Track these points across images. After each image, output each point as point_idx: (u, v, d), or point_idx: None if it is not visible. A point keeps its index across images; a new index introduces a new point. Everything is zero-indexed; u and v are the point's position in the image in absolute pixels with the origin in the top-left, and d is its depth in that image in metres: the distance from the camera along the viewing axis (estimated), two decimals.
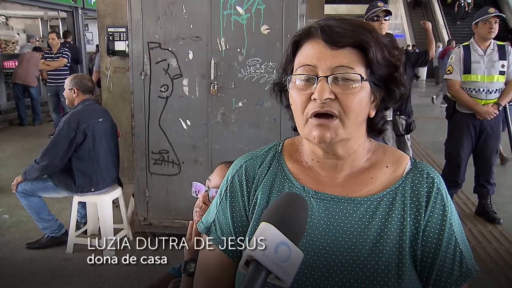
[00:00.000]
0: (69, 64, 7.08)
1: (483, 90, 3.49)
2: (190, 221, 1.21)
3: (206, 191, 1.38)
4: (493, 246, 3.30)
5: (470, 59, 3.51)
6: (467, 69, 3.52)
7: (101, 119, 3.16)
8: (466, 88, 3.54)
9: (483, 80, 3.48)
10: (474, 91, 3.51)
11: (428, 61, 3.90)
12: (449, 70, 3.62)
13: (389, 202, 0.81)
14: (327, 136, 0.77)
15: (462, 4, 19.47)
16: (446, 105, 3.82)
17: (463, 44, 3.66)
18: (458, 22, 18.69)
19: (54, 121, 7.28)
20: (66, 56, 6.98)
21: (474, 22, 3.58)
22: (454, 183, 3.72)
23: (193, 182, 1.44)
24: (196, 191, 1.43)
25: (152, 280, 2.84)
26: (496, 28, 3.46)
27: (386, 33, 3.51)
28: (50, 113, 7.46)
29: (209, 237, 0.87)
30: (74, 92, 3.15)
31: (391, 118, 3.50)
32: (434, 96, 10.26)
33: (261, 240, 0.60)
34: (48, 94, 7.20)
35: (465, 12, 18.99)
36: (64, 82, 6.51)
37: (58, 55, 6.94)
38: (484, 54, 3.50)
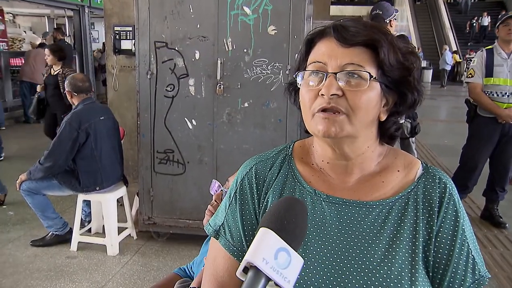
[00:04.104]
0: None
1: (506, 94, 3.44)
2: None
3: (221, 190, 1.39)
4: (499, 251, 3.28)
5: (493, 62, 3.46)
6: (489, 72, 3.47)
7: (103, 117, 3.16)
8: (487, 92, 3.49)
9: (506, 83, 3.43)
10: (496, 95, 3.46)
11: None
12: (470, 74, 3.58)
13: (401, 207, 0.80)
14: (332, 130, 0.76)
15: (474, 24, 19.34)
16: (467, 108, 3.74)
17: (486, 47, 3.62)
18: (469, 43, 18.47)
19: None
20: None
21: (496, 26, 3.58)
22: (464, 187, 3.66)
23: (212, 180, 1.45)
24: (214, 190, 1.44)
25: (155, 279, 2.84)
26: None
27: (400, 34, 3.47)
28: None
29: (218, 241, 0.86)
30: (70, 95, 3.17)
31: (402, 121, 3.46)
32: None
33: (260, 246, 0.58)
34: None
35: (482, 33, 18.80)
36: None
37: None
38: (508, 58, 3.44)
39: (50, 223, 3.23)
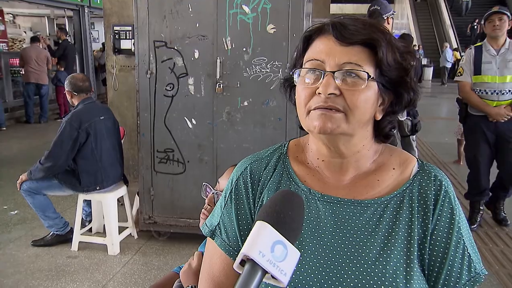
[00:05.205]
0: None
1: (494, 91, 3.39)
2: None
3: (212, 193, 1.39)
4: (500, 248, 3.28)
5: (481, 59, 3.42)
6: (477, 70, 3.43)
7: (103, 117, 3.16)
8: (477, 90, 3.45)
9: (495, 80, 3.38)
10: (485, 92, 3.41)
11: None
12: (459, 72, 3.55)
13: (396, 205, 0.79)
14: (328, 126, 0.75)
15: (475, 27, 19.13)
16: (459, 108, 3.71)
17: (475, 45, 3.59)
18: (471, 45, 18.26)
19: None
20: None
21: (482, 23, 3.55)
22: (477, 190, 3.62)
23: (203, 183, 1.45)
24: (205, 193, 1.44)
25: (156, 278, 2.85)
26: (501, 25, 3.36)
27: (404, 34, 3.46)
28: None
29: (214, 240, 0.86)
30: (70, 94, 3.18)
31: (403, 118, 3.44)
32: None
33: (256, 239, 0.58)
34: None
35: (480, 35, 18.59)
36: None
37: None
38: (497, 54, 3.40)
39: (50, 223, 3.23)
